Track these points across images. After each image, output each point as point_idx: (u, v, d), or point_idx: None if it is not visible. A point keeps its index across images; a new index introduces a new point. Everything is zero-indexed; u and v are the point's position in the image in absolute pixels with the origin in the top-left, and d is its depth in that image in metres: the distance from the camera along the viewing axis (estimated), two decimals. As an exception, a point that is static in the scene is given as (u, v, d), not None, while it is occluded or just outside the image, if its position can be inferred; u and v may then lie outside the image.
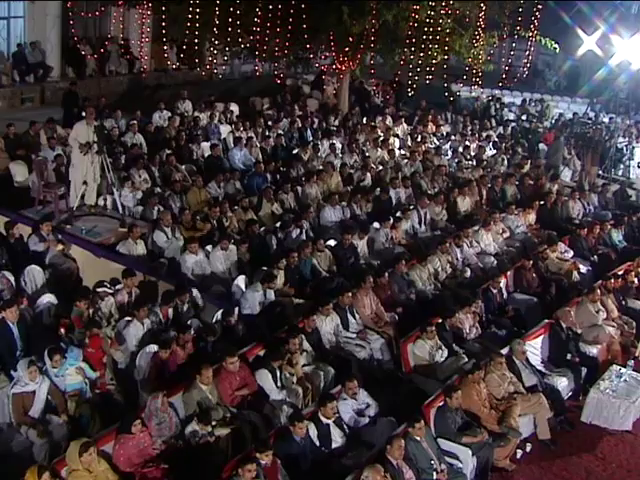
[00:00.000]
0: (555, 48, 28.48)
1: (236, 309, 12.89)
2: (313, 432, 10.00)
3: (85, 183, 16.25)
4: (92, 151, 15.96)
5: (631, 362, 13.06)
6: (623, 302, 14.97)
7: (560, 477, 10.95)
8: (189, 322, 12.21)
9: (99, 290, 12.52)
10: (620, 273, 15.59)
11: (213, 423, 9.97)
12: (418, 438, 9.91)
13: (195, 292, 13.11)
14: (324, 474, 9.65)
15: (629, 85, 28.82)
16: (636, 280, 15.45)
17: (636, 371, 12.81)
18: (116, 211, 16.50)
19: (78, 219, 16.13)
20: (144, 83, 28.18)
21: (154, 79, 28.57)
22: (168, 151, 19.36)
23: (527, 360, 12.34)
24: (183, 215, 15.71)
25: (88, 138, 15.89)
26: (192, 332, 11.71)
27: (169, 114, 22.76)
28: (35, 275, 13.20)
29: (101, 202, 16.83)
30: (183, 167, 18.94)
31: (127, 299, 12.77)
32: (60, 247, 14.13)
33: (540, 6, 27.50)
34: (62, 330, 11.64)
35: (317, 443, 10.01)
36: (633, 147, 26.53)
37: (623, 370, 12.62)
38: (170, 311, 12.36)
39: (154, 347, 11.24)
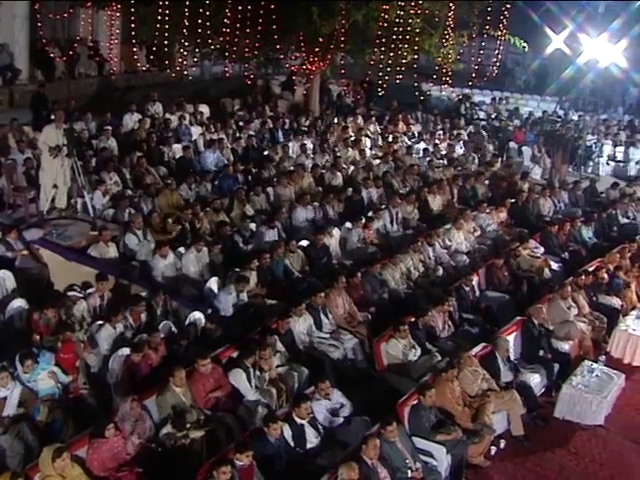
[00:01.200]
0: (524, 47, 28.71)
1: (209, 311, 12.85)
2: (287, 433, 9.99)
3: (55, 186, 16.11)
4: (62, 154, 15.83)
5: (602, 357, 13.16)
6: (594, 298, 15.11)
7: (534, 472, 11.02)
8: (161, 325, 12.17)
9: (70, 294, 12.45)
10: (591, 269, 15.75)
11: (187, 426, 9.95)
12: (391, 439, 9.93)
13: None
14: (299, 475, 9.65)
15: (596, 83, 29.09)
16: (606, 276, 15.58)
17: (607, 366, 12.92)
18: (87, 214, 16.38)
19: (49, 223, 16.00)
20: (114, 85, 28.00)
21: (124, 81, 28.39)
22: (139, 153, 19.27)
23: (508, 358, 12.41)
24: (152, 218, 15.65)
25: (57, 141, 15.77)
26: (162, 334, 11.69)
27: (140, 116, 22.65)
28: (5, 280, 13.11)
29: (71, 205, 16.71)
30: (154, 169, 18.85)
31: (99, 303, 12.71)
32: (25, 252, 14.05)
33: (509, 5, 27.64)
34: (37, 337, 11.54)
35: (292, 444, 10.00)
36: (602, 144, 26.83)
37: (595, 365, 12.72)
38: (143, 315, 12.30)
39: (127, 350, 11.19)
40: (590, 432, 12.00)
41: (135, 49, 26.82)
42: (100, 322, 11.95)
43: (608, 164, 26.51)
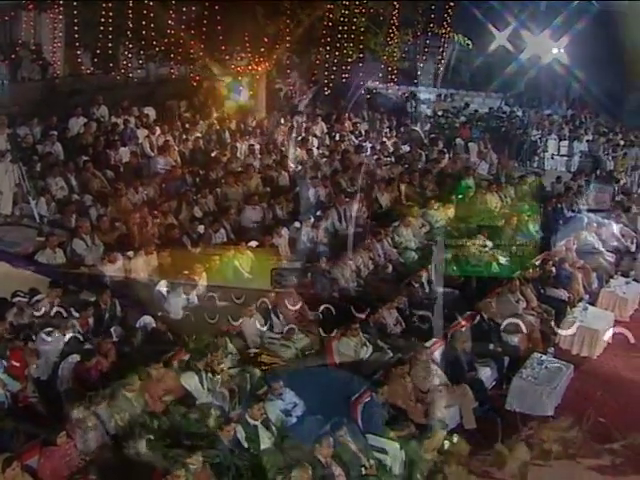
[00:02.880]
0: (468, 44, 29.00)
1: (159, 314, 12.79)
2: (241, 434, 9.98)
3: (0, 192, 15.90)
4: (6, 160, 15.64)
5: (551, 349, 13.37)
6: (542, 291, 15.31)
7: (487, 464, 11.11)
8: (111, 329, 12.07)
9: (15, 300, 12.29)
10: (538, 263, 15.94)
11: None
12: (343, 442, 9.94)
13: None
14: (253, 476, 9.63)
15: (539, 79, 29.51)
16: (553, 269, 15.79)
17: (556, 358, 13.13)
18: (33, 220, 16.17)
19: (-6, 229, 15.80)
20: (58, 89, 27.59)
21: (68, 84, 27.97)
22: (85, 157, 19.04)
23: (464, 350, 12.52)
24: (101, 222, 15.49)
25: (1, 147, 15.59)
26: (113, 339, 11.59)
27: (85, 120, 22.37)
28: (-49, 288, 12.90)
29: (17, 211, 16.48)
30: (100, 174, 18.63)
31: (48, 309, 12.55)
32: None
33: (452, 3, 27.93)
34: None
35: (245, 445, 9.99)
36: (546, 139, 27.20)
37: (544, 357, 12.92)
38: (90, 320, 12.18)
39: (76, 357, 11.09)
40: (541, 423, 12.15)
41: (79, 52, 26.46)
42: (49, 329, 11.80)
43: (553, 158, 26.86)
